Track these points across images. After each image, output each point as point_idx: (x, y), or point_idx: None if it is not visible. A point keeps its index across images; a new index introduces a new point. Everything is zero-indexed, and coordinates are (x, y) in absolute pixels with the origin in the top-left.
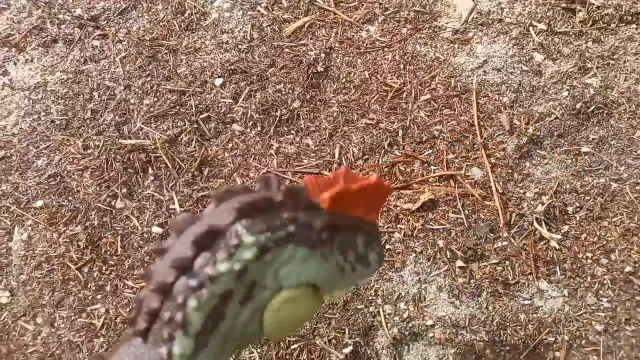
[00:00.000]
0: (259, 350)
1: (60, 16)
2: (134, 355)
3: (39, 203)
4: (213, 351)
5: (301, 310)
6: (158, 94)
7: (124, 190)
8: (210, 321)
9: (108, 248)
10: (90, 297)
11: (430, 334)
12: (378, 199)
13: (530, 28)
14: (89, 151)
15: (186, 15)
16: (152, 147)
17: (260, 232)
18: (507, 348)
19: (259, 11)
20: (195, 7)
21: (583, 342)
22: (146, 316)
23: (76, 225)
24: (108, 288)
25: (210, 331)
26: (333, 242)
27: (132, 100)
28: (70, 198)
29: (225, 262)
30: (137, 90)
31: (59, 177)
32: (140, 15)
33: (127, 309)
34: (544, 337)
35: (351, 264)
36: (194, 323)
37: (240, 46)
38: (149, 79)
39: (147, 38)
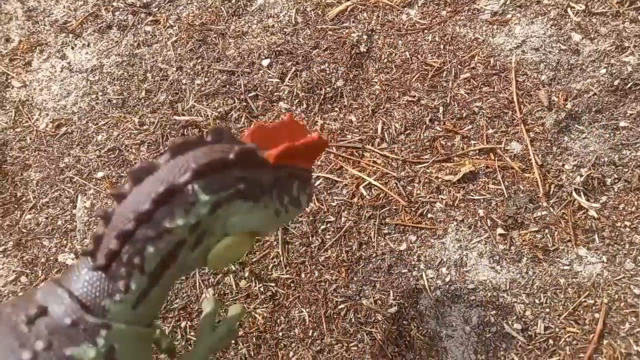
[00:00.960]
0: (307, 309)
1: (114, 3)
2: (94, 284)
3: (100, 174)
4: (162, 287)
5: (240, 250)
6: (209, 74)
7: None
8: (163, 263)
9: None
10: None
11: (472, 297)
12: (315, 151)
13: (568, 9)
14: (144, 127)
15: (233, 1)
16: (205, 123)
17: (215, 191)
18: (547, 310)
19: None
20: None
21: (622, 304)
22: (107, 256)
23: None
24: None
25: (162, 271)
26: (273, 191)
27: (184, 81)
28: (128, 169)
29: (182, 217)
30: (188, 71)
31: (117, 151)
32: (189, 2)
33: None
34: (583, 299)
35: (285, 207)
36: (150, 265)
37: (285, 29)
38: (199, 60)
39: (197, 23)
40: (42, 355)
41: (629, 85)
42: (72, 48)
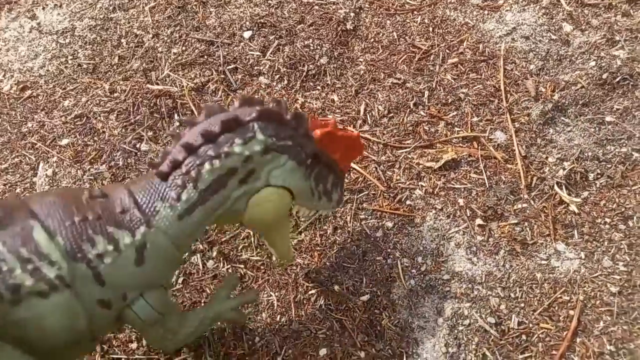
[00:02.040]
0: (277, 293)
1: None
2: (153, 188)
3: (65, 141)
4: (207, 210)
5: (277, 205)
6: (186, 43)
7: (150, 133)
8: (215, 185)
9: None
10: None
11: (447, 288)
12: (353, 151)
13: None
14: (115, 95)
15: None
16: (179, 93)
17: (270, 135)
18: (522, 305)
19: None
20: None
21: (597, 302)
22: (170, 163)
23: (101, 165)
24: None
25: (212, 193)
26: (313, 170)
27: (160, 49)
28: (95, 138)
29: (240, 146)
30: (165, 39)
31: (84, 118)
32: None
33: None
34: (559, 295)
35: (319, 193)
36: (203, 181)
37: (270, 1)
38: (177, 28)
39: None
40: (91, 222)
41: (617, 80)
42: (43, 8)
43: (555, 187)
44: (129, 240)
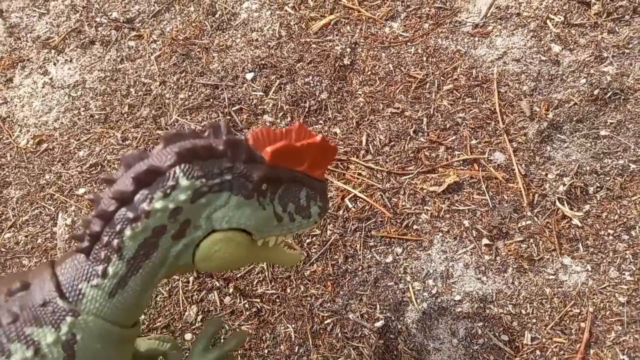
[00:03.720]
0: (293, 325)
1: (98, 19)
2: (76, 267)
3: (82, 190)
4: (144, 276)
5: (229, 250)
6: (192, 88)
7: None
8: (142, 250)
9: None
10: None
11: (459, 309)
12: (323, 158)
13: (547, 21)
14: (127, 142)
15: (217, 16)
16: None
17: (197, 177)
18: (534, 320)
19: (286, 11)
20: (225, 8)
21: (607, 313)
22: (89, 237)
23: None
24: None
25: (142, 259)
26: (275, 193)
27: (167, 95)
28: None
29: (161, 200)
30: (172, 85)
31: (99, 167)
32: (173, 17)
33: (167, 288)
34: (569, 309)
35: (290, 215)
36: (128, 250)
37: (269, 43)
38: (183, 75)
39: (181, 38)
40: (5, 328)
41: (608, 95)
42: (55, 64)
43: (557, 202)
44: (52, 338)
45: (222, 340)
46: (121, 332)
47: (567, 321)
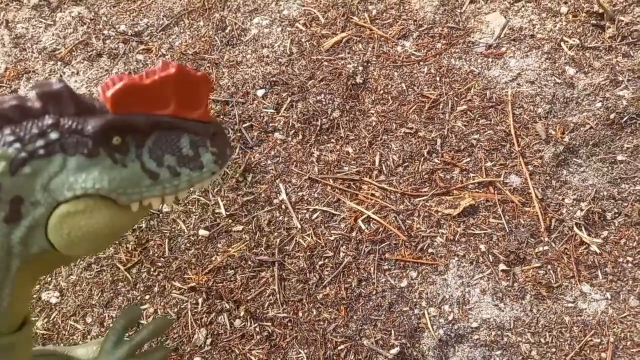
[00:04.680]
0: (305, 350)
1: (105, 32)
2: None
3: None
4: None
5: (94, 222)
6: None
7: None
8: None
9: (156, 250)
10: (138, 298)
11: (476, 336)
12: (194, 93)
13: (562, 43)
14: None
15: (227, 31)
16: None
17: (9, 143)
18: (553, 350)
19: (297, 27)
20: (235, 23)
21: (628, 343)
22: None
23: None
24: (156, 289)
25: None
26: (141, 146)
27: None
28: None
29: None
30: None
31: None
32: (182, 31)
33: (175, 310)
34: (589, 338)
35: (171, 169)
36: None
37: (280, 60)
38: None
39: (190, 52)
40: None
41: (624, 119)
42: (61, 76)
43: (575, 228)
44: None
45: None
46: None
47: (588, 351)
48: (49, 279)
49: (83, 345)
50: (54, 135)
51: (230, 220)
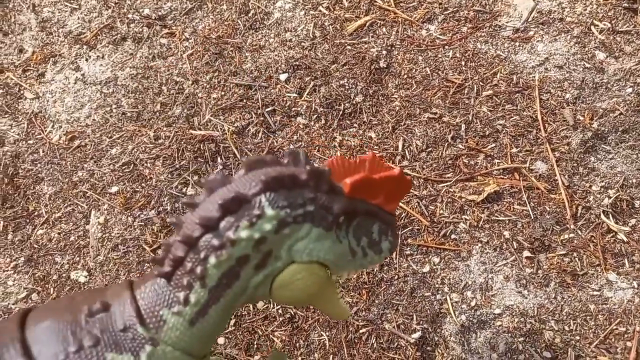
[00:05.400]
0: (327, 333)
1: (130, 16)
2: (156, 292)
3: (114, 189)
4: (223, 306)
5: (308, 283)
6: (225, 88)
7: (195, 177)
8: (225, 279)
9: None
10: None
11: (499, 323)
12: (398, 191)
13: (592, 27)
14: (160, 141)
15: (250, 15)
16: (221, 137)
17: (282, 207)
18: (577, 337)
19: (320, 11)
20: (258, 7)
21: None
22: (171, 262)
23: (150, 210)
24: None
25: (224, 288)
26: (349, 226)
27: (200, 94)
28: (143, 184)
29: (247, 229)
30: (204, 84)
31: (132, 165)
32: (205, 15)
33: None
34: (615, 327)
35: (363, 249)
36: (211, 278)
37: (303, 44)
38: (215, 74)
39: (213, 36)
40: (86, 351)
41: None
42: (87, 60)
43: (602, 215)
44: None
45: None
46: None
47: (613, 339)
48: (78, 258)
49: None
50: (310, 208)
51: None
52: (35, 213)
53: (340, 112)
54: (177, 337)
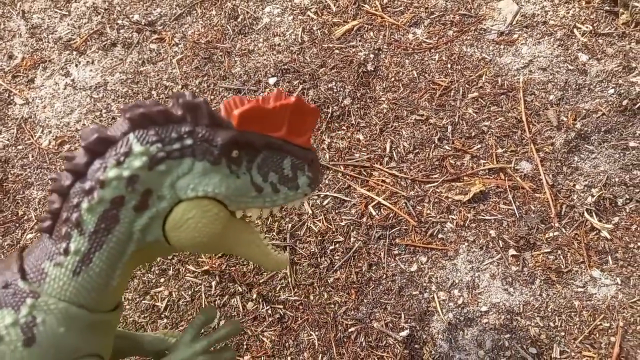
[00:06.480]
0: (316, 332)
1: (119, 22)
2: (39, 248)
3: None
4: (109, 252)
5: (202, 222)
6: (214, 92)
7: None
8: (103, 224)
9: None
10: (153, 281)
11: (485, 320)
12: (304, 121)
13: (574, 30)
14: None
15: (239, 20)
16: None
17: (152, 142)
18: (562, 333)
19: (308, 16)
20: (247, 12)
21: (638, 327)
22: (50, 215)
23: None
24: (171, 272)
25: (104, 233)
26: (252, 162)
27: None
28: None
29: (115, 168)
30: (194, 88)
31: None
32: (194, 20)
33: (189, 292)
34: (599, 323)
35: (273, 185)
36: (87, 223)
37: (292, 48)
38: (205, 78)
39: (202, 41)
40: None
41: (637, 106)
42: (76, 65)
43: (585, 214)
44: (10, 319)
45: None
46: (90, 317)
47: (597, 335)
48: None
49: (149, 334)
50: (188, 141)
51: None
52: (25, 217)
53: (329, 115)
54: (61, 288)
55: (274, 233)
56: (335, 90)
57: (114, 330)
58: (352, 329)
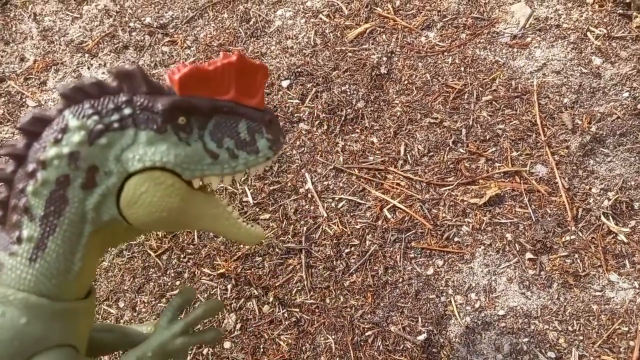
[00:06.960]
0: (333, 336)
1: (131, 24)
2: None
3: None
4: (64, 235)
5: (157, 195)
6: None
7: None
8: (52, 206)
9: (185, 237)
10: (169, 283)
11: (503, 324)
12: (252, 81)
13: (588, 33)
14: None
15: (251, 23)
16: None
17: (88, 116)
18: (581, 337)
19: (320, 19)
20: (259, 15)
21: None
22: (0, 205)
23: None
24: (186, 275)
25: (55, 216)
26: (203, 128)
27: None
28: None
29: (53, 147)
30: None
31: None
32: (207, 23)
33: (205, 295)
34: (617, 327)
35: (229, 151)
36: (35, 207)
37: (304, 51)
38: None
39: (215, 44)
40: None
41: None
42: (88, 68)
43: (602, 217)
44: None
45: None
46: (54, 305)
47: (616, 339)
48: None
49: (137, 325)
50: (127, 111)
51: (257, 209)
52: None
53: (342, 118)
54: (19, 277)
55: (289, 236)
56: (348, 93)
57: (90, 320)
58: (369, 332)
